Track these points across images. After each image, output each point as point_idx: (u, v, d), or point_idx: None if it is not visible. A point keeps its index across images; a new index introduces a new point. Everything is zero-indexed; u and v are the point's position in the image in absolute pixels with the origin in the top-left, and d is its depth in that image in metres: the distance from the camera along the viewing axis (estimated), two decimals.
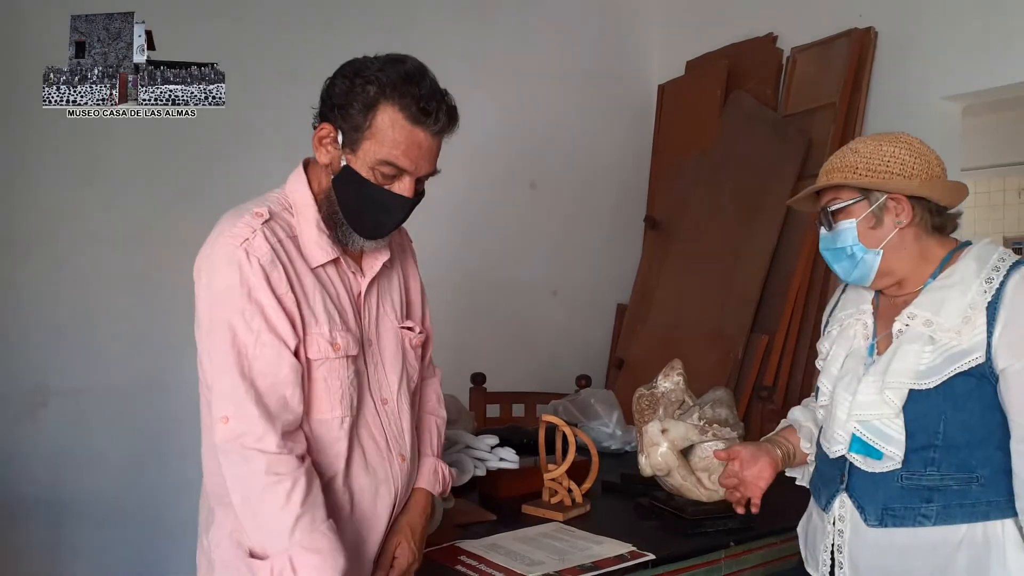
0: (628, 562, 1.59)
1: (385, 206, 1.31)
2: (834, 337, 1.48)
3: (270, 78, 2.83)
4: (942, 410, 1.28)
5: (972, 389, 1.27)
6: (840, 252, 1.38)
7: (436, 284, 3.03)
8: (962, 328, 1.27)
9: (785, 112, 3.23)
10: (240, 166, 2.70)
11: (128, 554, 2.61)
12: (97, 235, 2.60)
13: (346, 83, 1.27)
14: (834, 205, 1.38)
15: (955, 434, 1.28)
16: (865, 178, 1.34)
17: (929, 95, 2.83)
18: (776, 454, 1.52)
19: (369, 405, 1.39)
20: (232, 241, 1.25)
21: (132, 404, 2.63)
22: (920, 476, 1.30)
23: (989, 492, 1.27)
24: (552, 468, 1.96)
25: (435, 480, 1.52)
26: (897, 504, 1.31)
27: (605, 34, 3.84)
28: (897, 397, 1.29)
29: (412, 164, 1.28)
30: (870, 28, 2.98)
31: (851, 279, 1.41)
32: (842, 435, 1.36)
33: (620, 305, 3.79)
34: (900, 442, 1.29)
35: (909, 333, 1.32)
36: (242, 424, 1.21)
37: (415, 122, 1.26)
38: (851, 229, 1.36)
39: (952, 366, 1.27)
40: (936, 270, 1.35)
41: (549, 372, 3.42)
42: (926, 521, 1.29)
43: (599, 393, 2.71)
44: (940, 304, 1.31)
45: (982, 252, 1.33)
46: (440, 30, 3.22)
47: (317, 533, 1.21)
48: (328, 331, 1.31)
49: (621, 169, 3.85)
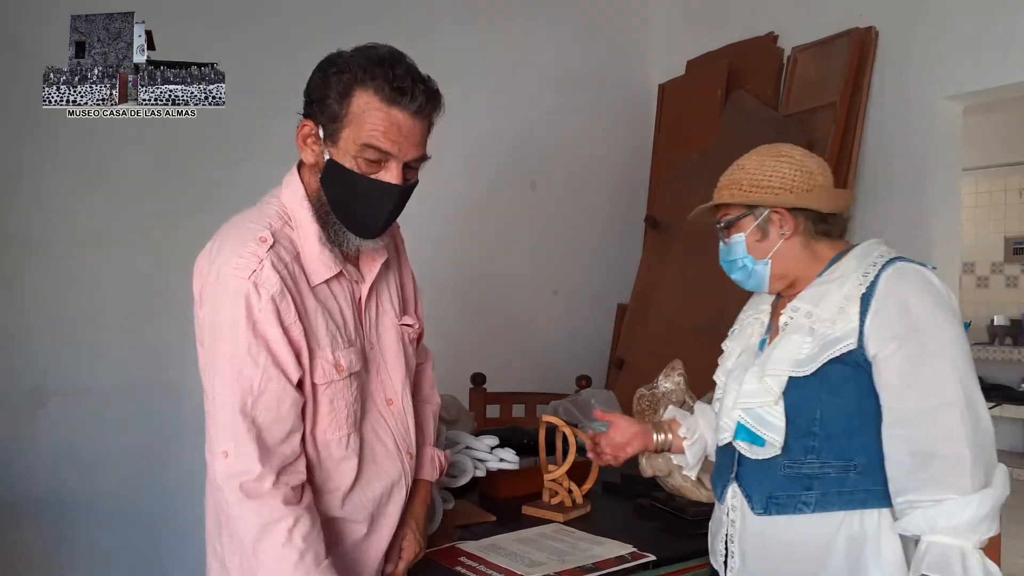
0: (629, 563, 1.59)
1: (372, 196, 1.27)
2: (735, 335, 1.58)
3: (276, 80, 2.82)
4: (818, 396, 1.33)
5: (848, 377, 1.31)
6: (733, 264, 1.48)
7: (436, 284, 3.05)
8: (837, 317, 1.33)
9: (786, 112, 3.22)
10: (244, 168, 2.67)
11: (129, 554, 2.61)
12: (98, 236, 2.60)
13: (320, 75, 1.26)
14: (724, 220, 1.48)
15: (832, 421, 1.33)
16: (749, 194, 1.41)
17: (930, 95, 2.83)
18: (651, 431, 1.66)
19: (373, 411, 1.39)
20: (239, 273, 1.22)
21: (133, 404, 2.63)
22: (801, 464, 1.35)
23: (866, 481, 1.32)
24: (552, 469, 1.96)
25: (433, 468, 1.55)
26: (780, 492, 1.36)
27: (605, 34, 3.84)
28: (776, 384, 1.35)
29: (394, 146, 1.24)
30: (871, 28, 2.98)
31: (748, 287, 1.51)
32: (728, 423, 1.43)
33: (620, 305, 3.78)
34: (780, 428, 1.34)
35: (792, 325, 1.39)
36: (241, 462, 1.21)
37: (391, 102, 1.23)
38: (740, 243, 1.45)
39: (825, 353, 1.32)
40: (824, 270, 1.42)
41: (549, 372, 3.41)
42: (805, 508, 1.34)
43: (599, 393, 2.71)
44: (820, 297, 1.37)
45: (865, 250, 1.40)
46: (440, 31, 3.22)
47: (319, 570, 1.22)
48: (331, 354, 1.30)
49: (621, 169, 3.85)
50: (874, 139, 2.95)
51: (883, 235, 3.00)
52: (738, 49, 3.50)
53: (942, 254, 2.82)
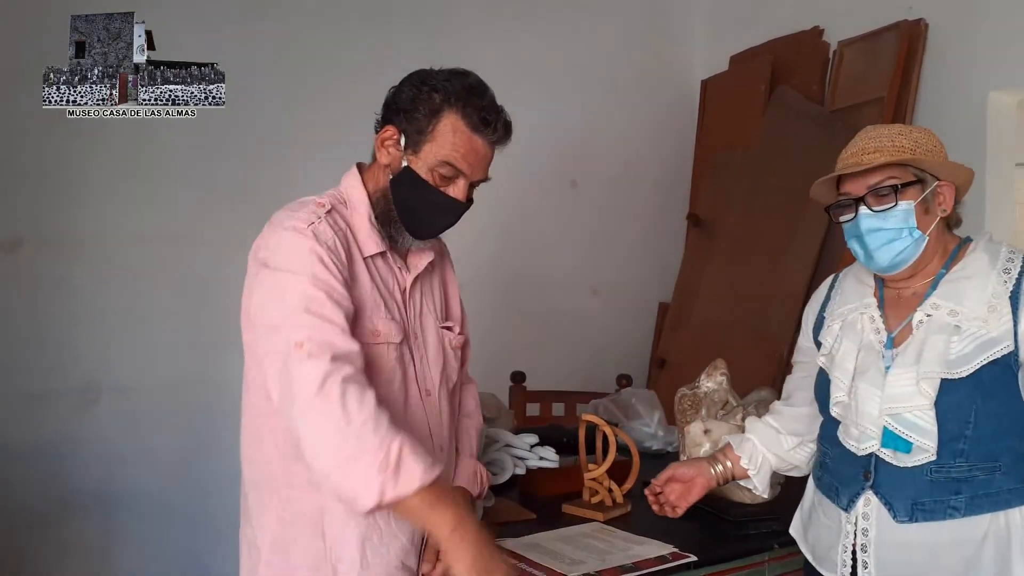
0: (670, 563, 1.57)
1: (440, 207, 1.38)
2: (836, 332, 1.45)
3: (317, 78, 2.86)
4: (973, 399, 1.28)
5: (998, 378, 1.28)
6: (890, 233, 1.33)
7: (477, 282, 3.05)
8: (989, 317, 1.28)
9: (831, 107, 3.16)
10: (287, 167, 2.73)
11: (176, 547, 2.67)
12: (146, 235, 2.66)
13: (413, 90, 1.35)
14: (885, 184, 1.33)
15: (984, 424, 1.28)
16: (922, 160, 1.32)
17: (982, 88, 2.75)
18: (710, 473, 1.61)
19: (415, 395, 1.41)
20: (299, 224, 1.29)
21: (180, 401, 2.69)
22: (950, 468, 1.29)
23: (1010, 480, 1.29)
24: (592, 468, 1.95)
25: (474, 481, 1.54)
26: (927, 498, 1.30)
27: (647, 29, 3.81)
28: (931, 387, 1.28)
29: (469, 167, 1.36)
30: (920, 20, 2.91)
31: (886, 263, 1.36)
32: (873, 430, 1.34)
33: (662, 304, 3.75)
34: (933, 434, 1.28)
35: (932, 324, 1.32)
36: (318, 338, 1.20)
37: (475, 130, 1.34)
38: (910, 211, 1.32)
39: (983, 354, 1.27)
40: (947, 263, 1.36)
41: (589, 371, 3.40)
42: (956, 513, 1.29)
43: (640, 393, 2.69)
44: (961, 295, 1.31)
45: (989, 247, 1.36)
46: (480, 29, 3.23)
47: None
48: (372, 318, 1.34)
49: (663, 166, 3.81)
50: None
51: None
52: (782, 44, 3.44)
53: None
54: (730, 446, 1.64)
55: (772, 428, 1.60)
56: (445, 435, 1.47)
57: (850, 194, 1.36)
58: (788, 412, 1.60)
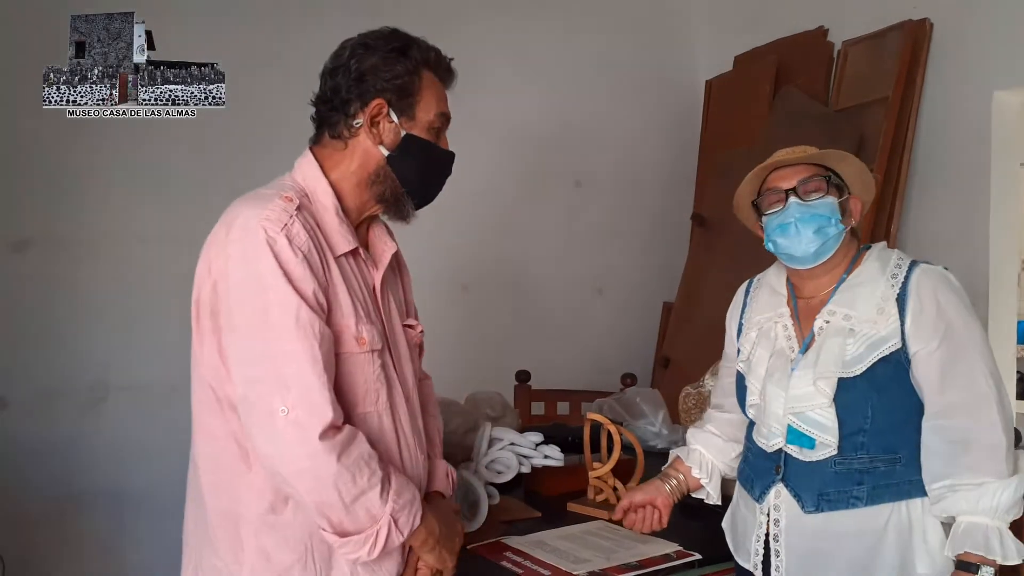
0: (674, 561, 1.58)
1: (444, 164, 1.40)
2: (753, 339, 1.56)
3: (317, 78, 2.87)
4: (868, 395, 1.38)
5: (891, 374, 1.38)
6: (820, 220, 1.42)
7: (482, 282, 3.07)
8: (878, 319, 1.39)
9: (836, 107, 3.17)
10: (287, 167, 2.70)
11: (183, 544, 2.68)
12: (151, 234, 2.68)
13: (381, 58, 1.32)
14: (817, 177, 1.44)
15: (881, 418, 1.38)
16: (844, 169, 1.45)
17: (987, 88, 2.75)
18: (665, 491, 1.67)
19: (400, 402, 1.37)
20: (271, 226, 1.20)
21: (188, 398, 2.70)
22: (851, 460, 1.39)
23: (910, 471, 1.39)
24: (597, 466, 1.96)
25: (447, 483, 1.51)
26: (831, 489, 1.40)
27: (651, 29, 3.81)
28: (829, 387, 1.38)
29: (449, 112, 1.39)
30: (925, 20, 2.91)
31: (813, 251, 1.43)
32: (778, 428, 1.44)
33: (666, 303, 3.76)
34: (834, 430, 1.38)
35: (830, 328, 1.42)
36: (311, 412, 1.18)
37: (442, 77, 1.38)
38: (835, 204, 1.44)
39: (874, 353, 1.38)
40: (848, 268, 1.47)
41: (594, 370, 3.41)
42: (858, 503, 1.38)
43: (644, 392, 2.69)
44: (854, 300, 1.43)
45: (882, 254, 1.47)
46: (485, 29, 3.23)
47: (400, 481, 1.26)
48: (354, 325, 1.28)
49: (667, 166, 3.82)
50: (928, 134, 2.89)
51: (938, 232, 2.96)
52: (787, 44, 3.45)
53: (1000, 250, 2.75)
54: (679, 459, 1.71)
55: (715, 436, 1.68)
56: (422, 437, 1.43)
57: (779, 187, 1.46)
58: (724, 418, 1.68)
